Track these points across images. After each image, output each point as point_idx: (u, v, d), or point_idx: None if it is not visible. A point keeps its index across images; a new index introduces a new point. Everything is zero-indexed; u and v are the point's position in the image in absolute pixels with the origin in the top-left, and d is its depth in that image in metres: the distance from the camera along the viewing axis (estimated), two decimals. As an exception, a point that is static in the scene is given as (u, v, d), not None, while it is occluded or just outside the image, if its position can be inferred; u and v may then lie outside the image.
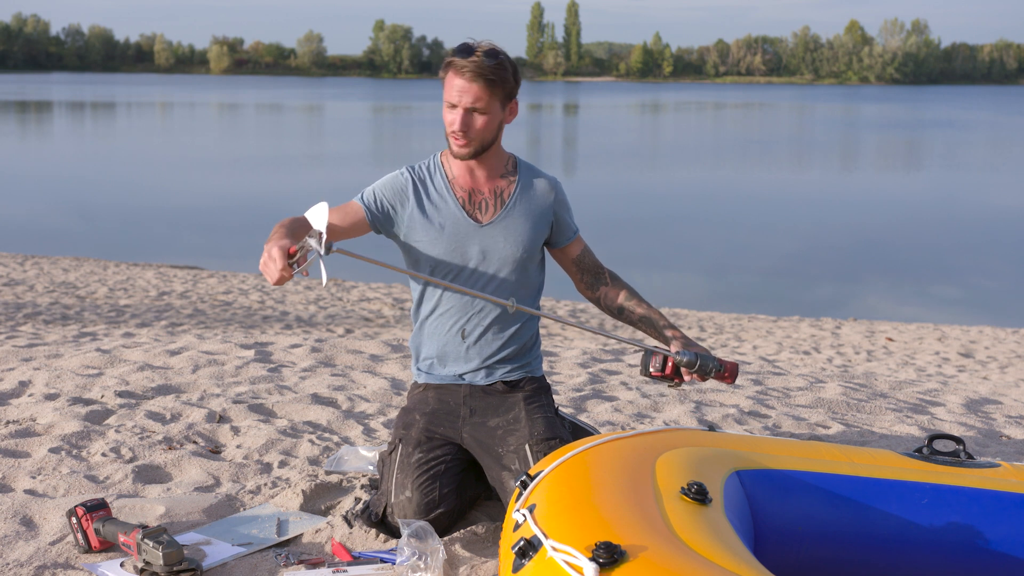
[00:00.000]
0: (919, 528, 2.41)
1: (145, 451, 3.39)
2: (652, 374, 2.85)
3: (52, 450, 3.35)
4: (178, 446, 3.47)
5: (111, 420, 3.73)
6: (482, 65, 2.76)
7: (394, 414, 3.96)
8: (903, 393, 5.03)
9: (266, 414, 3.91)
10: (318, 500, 3.02)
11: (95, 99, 64.51)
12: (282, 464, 3.35)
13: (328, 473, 3.24)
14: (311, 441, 3.56)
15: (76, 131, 39.62)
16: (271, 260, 2.48)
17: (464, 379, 2.99)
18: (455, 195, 2.93)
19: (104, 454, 3.34)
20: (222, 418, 3.81)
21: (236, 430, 3.66)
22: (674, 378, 2.85)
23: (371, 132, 41.05)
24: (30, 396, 4.02)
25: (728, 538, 1.98)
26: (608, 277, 3.04)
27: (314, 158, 28.28)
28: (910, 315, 11.01)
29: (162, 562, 2.45)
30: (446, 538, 2.72)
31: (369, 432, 3.74)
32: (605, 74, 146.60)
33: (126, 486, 3.09)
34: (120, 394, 4.04)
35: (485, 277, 2.91)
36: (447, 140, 2.88)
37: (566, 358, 5.37)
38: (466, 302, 2.94)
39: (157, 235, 15.51)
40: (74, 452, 3.37)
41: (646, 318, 2.98)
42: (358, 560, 2.63)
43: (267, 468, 3.31)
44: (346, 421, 3.83)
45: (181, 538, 2.71)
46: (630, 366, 5.24)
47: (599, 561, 1.78)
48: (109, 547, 2.63)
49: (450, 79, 2.80)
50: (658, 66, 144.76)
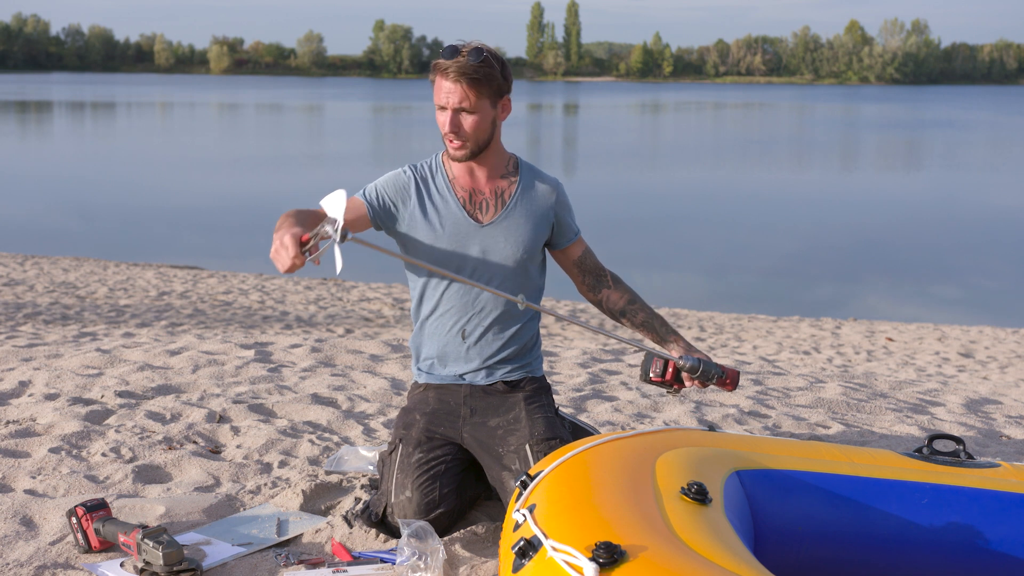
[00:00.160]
0: (919, 528, 2.41)
1: (145, 451, 3.39)
2: (652, 379, 2.84)
3: (52, 450, 3.35)
4: (178, 446, 3.47)
5: (111, 420, 3.73)
6: (466, 65, 2.75)
7: (394, 414, 3.96)
8: (903, 393, 5.03)
9: (266, 414, 3.91)
10: (318, 500, 3.02)
11: (95, 99, 64.48)
12: (282, 464, 3.35)
13: (328, 473, 3.24)
14: (311, 441, 3.56)
15: (76, 131, 39.60)
16: (283, 248, 2.44)
17: (464, 379, 2.98)
18: (456, 195, 2.93)
19: (104, 454, 3.34)
20: (222, 418, 3.81)
21: (236, 430, 3.66)
22: (673, 384, 2.84)
23: (371, 132, 41.03)
24: (30, 396, 4.02)
25: (728, 538, 1.98)
26: (610, 279, 3.04)
27: (314, 158, 28.27)
28: (910, 315, 11.00)
29: (162, 562, 2.45)
30: (446, 538, 2.72)
31: (369, 432, 3.74)
32: (605, 74, 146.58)
33: (126, 486, 3.09)
34: (120, 394, 4.04)
35: (485, 277, 2.91)
36: (444, 143, 2.88)
37: (566, 358, 5.37)
38: (466, 302, 2.94)
39: (157, 235, 15.50)
40: (74, 452, 3.37)
41: (647, 322, 2.98)
42: (358, 560, 2.63)
43: (267, 468, 3.31)
44: (346, 421, 3.83)
45: (181, 538, 2.71)
46: (630, 366, 5.23)
47: (599, 561, 1.78)
48: (109, 547, 2.63)
49: (438, 82, 2.81)
50: (658, 66, 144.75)
